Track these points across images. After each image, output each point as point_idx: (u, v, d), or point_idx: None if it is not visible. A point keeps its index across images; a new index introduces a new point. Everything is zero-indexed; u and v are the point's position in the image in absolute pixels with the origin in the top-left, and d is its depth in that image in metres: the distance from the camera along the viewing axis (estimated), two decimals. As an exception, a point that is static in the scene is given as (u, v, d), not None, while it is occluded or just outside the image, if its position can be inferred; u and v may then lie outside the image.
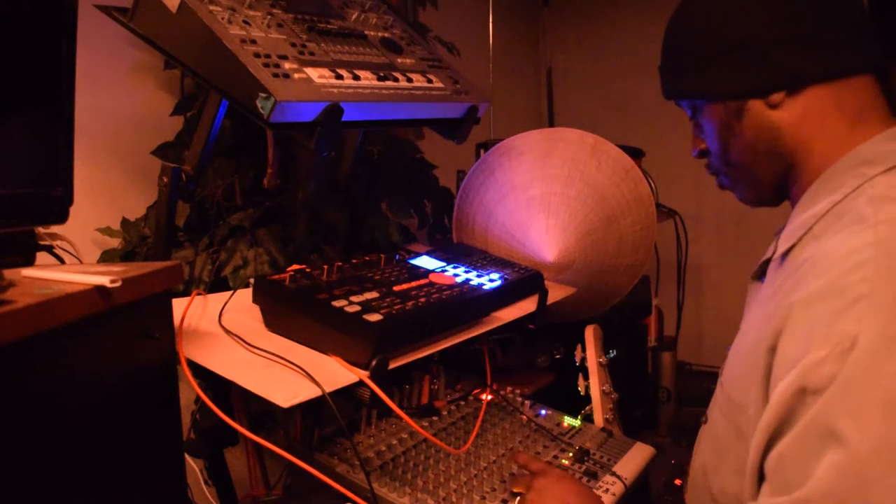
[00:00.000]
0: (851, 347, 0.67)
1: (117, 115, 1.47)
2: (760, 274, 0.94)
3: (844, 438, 0.66)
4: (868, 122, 0.85)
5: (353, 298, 0.97)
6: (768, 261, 0.92)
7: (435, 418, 1.24)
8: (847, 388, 0.67)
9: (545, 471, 1.07)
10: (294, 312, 0.97)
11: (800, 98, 0.86)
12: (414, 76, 1.22)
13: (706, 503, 0.92)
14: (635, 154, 1.87)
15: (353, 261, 1.14)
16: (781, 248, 0.87)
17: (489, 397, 1.33)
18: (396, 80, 1.17)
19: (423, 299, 1.02)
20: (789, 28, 0.84)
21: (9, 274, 0.62)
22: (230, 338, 0.95)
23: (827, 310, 0.71)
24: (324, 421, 1.14)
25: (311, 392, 0.84)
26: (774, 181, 0.92)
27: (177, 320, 0.89)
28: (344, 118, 1.05)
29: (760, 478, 0.76)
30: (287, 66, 1.03)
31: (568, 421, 1.33)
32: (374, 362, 0.89)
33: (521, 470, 1.12)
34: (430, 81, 1.24)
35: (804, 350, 0.71)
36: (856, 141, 0.84)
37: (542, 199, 1.49)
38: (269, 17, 1.11)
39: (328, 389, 0.85)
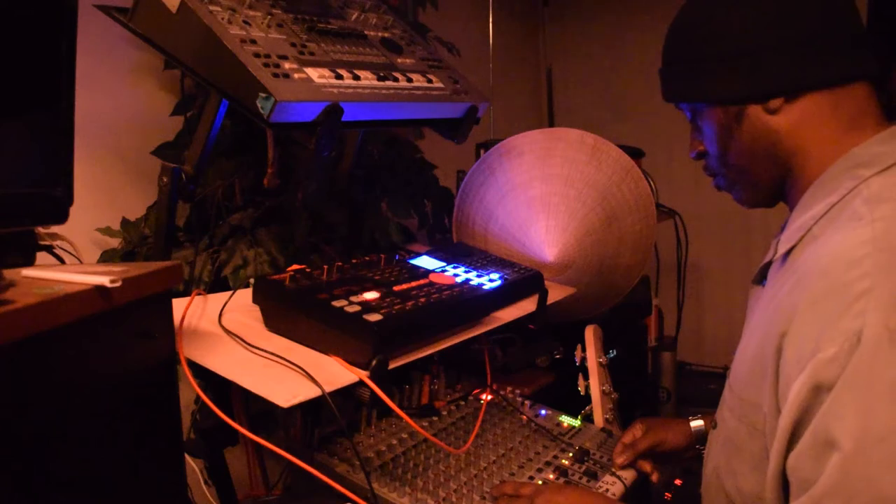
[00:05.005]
0: (858, 342, 0.70)
1: (117, 115, 1.46)
2: (761, 278, 0.95)
3: (838, 443, 0.69)
4: (862, 126, 0.86)
5: (353, 298, 0.97)
6: (768, 265, 0.93)
7: (435, 418, 1.24)
8: (853, 383, 0.70)
9: (540, 488, 1.05)
10: (294, 312, 0.97)
11: (797, 104, 0.87)
12: (414, 76, 1.22)
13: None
14: (635, 154, 1.87)
15: (353, 261, 1.14)
16: (781, 249, 0.89)
17: (489, 397, 1.33)
18: (396, 80, 1.17)
19: (423, 299, 1.02)
20: (789, 35, 0.85)
21: (9, 274, 0.62)
22: (230, 338, 0.95)
23: (831, 308, 0.73)
24: (324, 421, 1.14)
25: (311, 392, 0.84)
26: (771, 183, 0.93)
27: (177, 320, 0.89)
28: (344, 118, 1.05)
29: (784, 481, 0.78)
30: (287, 66, 1.03)
31: (568, 421, 1.33)
32: (374, 362, 0.89)
33: (510, 499, 1.04)
34: (430, 81, 1.24)
35: (813, 349, 0.73)
36: (850, 144, 0.85)
37: (542, 199, 1.49)
38: (269, 17, 1.11)
39: (328, 389, 0.85)
